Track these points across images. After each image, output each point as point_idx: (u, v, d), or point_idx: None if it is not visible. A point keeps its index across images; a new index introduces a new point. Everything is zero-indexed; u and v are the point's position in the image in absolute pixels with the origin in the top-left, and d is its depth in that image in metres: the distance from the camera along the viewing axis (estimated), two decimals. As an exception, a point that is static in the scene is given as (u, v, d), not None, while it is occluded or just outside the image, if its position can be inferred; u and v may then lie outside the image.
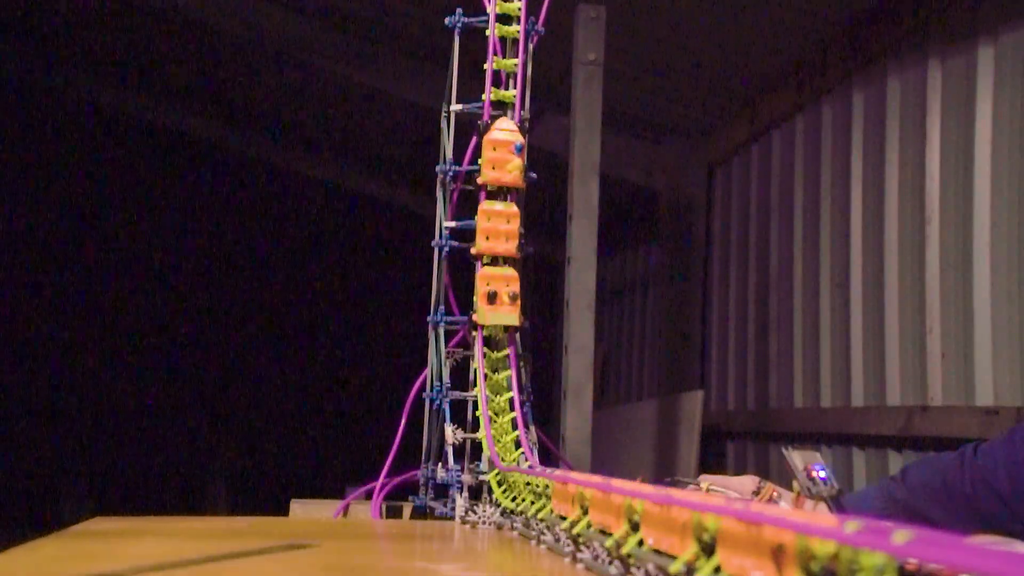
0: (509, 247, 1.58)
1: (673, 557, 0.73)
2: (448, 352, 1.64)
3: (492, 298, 1.55)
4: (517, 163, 1.58)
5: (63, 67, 6.23)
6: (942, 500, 1.46)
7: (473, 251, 1.59)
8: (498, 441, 1.47)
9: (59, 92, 6.49)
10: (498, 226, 1.57)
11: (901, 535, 0.47)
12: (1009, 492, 1.40)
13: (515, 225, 1.58)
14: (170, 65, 5.75)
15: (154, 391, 7.44)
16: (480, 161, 1.59)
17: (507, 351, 1.58)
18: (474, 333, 1.59)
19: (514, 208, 1.59)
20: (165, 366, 7.51)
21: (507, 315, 1.56)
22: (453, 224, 1.66)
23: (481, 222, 1.58)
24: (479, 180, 1.59)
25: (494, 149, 1.58)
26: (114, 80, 6.26)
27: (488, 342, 1.62)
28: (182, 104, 6.38)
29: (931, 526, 1.53)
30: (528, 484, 1.27)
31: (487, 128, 1.59)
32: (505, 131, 1.59)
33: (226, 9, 4.57)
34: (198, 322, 7.63)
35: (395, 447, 1.68)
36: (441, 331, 1.66)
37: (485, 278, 1.57)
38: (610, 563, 0.85)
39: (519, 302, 1.57)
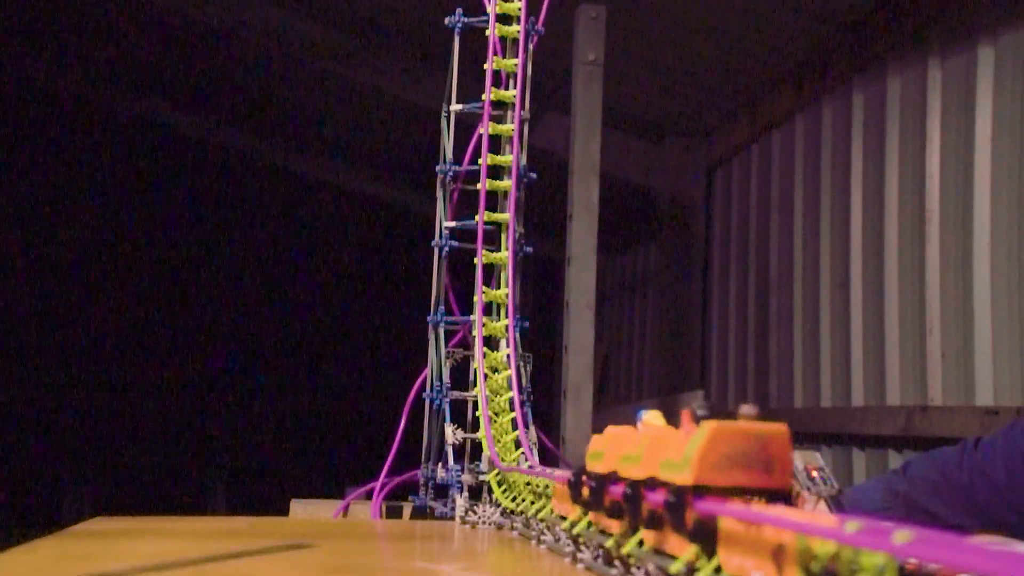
0: None
1: (673, 557, 0.73)
2: (448, 352, 1.64)
3: None
4: None
5: (71, 71, 6.23)
6: (941, 492, 1.46)
7: None
8: (498, 441, 1.47)
9: (65, 94, 6.48)
10: None
11: (901, 535, 0.47)
12: (1005, 482, 1.40)
13: None
14: (172, 66, 5.75)
15: (154, 391, 7.43)
16: None
17: (507, 351, 1.58)
18: (474, 333, 1.59)
19: None
20: (165, 366, 7.50)
21: None
22: (453, 224, 1.66)
23: None
24: None
25: None
26: (113, 79, 6.26)
27: (488, 342, 1.62)
28: (182, 104, 6.37)
29: (930, 518, 1.52)
30: (528, 484, 1.27)
31: None
32: None
33: (227, 11, 4.56)
34: (198, 321, 7.63)
35: (395, 447, 1.68)
36: (441, 331, 1.66)
37: None
38: (610, 563, 0.85)
39: None
